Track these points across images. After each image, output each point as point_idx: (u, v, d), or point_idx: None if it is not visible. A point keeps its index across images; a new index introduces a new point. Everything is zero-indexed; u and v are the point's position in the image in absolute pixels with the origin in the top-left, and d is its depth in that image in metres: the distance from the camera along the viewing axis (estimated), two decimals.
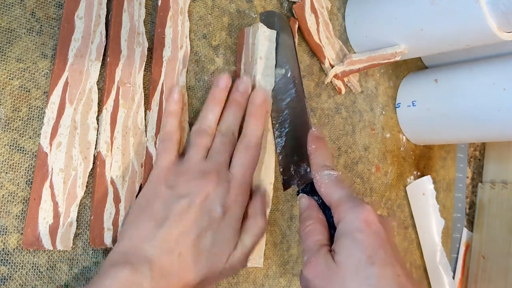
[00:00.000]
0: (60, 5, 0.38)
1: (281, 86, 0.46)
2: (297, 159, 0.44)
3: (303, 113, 0.45)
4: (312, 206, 0.41)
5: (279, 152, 0.46)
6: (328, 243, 0.38)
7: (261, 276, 0.50)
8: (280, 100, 0.46)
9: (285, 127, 0.45)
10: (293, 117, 0.45)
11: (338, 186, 0.39)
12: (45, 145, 0.36)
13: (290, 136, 0.45)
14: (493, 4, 0.47)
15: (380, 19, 0.56)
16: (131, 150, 0.40)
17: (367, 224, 0.35)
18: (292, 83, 0.45)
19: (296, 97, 0.45)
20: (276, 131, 0.46)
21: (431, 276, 0.69)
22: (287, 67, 0.46)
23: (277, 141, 0.46)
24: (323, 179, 0.39)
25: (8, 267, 0.35)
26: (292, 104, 0.45)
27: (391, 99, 0.67)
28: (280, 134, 0.46)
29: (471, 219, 0.81)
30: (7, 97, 0.35)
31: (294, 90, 0.45)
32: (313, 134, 0.43)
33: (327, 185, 0.39)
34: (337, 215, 0.37)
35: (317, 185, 0.40)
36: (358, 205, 0.36)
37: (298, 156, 0.44)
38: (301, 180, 0.43)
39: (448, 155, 0.76)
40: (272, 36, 0.47)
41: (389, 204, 0.65)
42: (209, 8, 0.48)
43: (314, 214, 0.40)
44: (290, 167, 0.45)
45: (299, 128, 0.44)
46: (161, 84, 0.42)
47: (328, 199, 0.39)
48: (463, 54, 0.66)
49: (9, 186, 0.35)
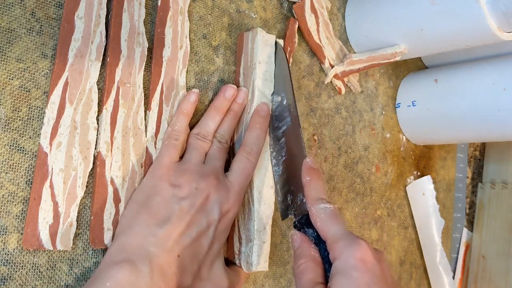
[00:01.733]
0: (60, 5, 0.38)
1: (278, 114, 0.46)
2: (294, 189, 0.44)
3: (298, 141, 0.45)
4: (304, 243, 0.40)
5: (276, 181, 0.46)
6: (323, 280, 0.37)
7: (261, 276, 0.50)
8: (277, 128, 0.46)
9: (282, 156, 0.45)
10: (289, 146, 0.45)
11: (334, 220, 0.38)
12: (45, 145, 0.36)
13: (286, 165, 0.45)
14: (493, 4, 0.47)
15: (380, 19, 0.56)
16: (131, 150, 0.40)
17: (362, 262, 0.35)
18: (288, 111, 0.46)
19: (292, 125, 0.45)
20: (273, 159, 0.46)
21: (431, 276, 0.69)
22: (283, 95, 0.46)
23: (275, 169, 0.46)
24: (318, 213, 0.39)
25: (8, 267, 0.35)
26: (288, 132, 0.45)
27: (391, 99, 0.67)
28: (277, 162, 0.46)
29: (471, 219, 0.81)
30: (7, 97, 0.35)
31: (290, 118, 0.45)
32: (307, 165, 0.42)
33: (323, 219, 0.38)
34: (333, 252, 0.37)
35: (313, 218, 0.39)
36: (353, 243, 0.36)
37: (294, 186, 0.44)
38: (297, 210, 0.43)
39: (448, 155, 0.76)
40: (271, 40, 0.47)
41: (389, 204, 0.65)
42: (209, 8, 0.48)
43: (306, 252, 0.39)
44: (287, 196, 0.45)
45: (295, 157, 0.44)
46: (161, 84, 0.42)
47: (324, 234, 0.38)
48: (463, 54, 0.66)
49: (9, 186, 0.35)
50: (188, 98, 0.43)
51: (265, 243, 0.44)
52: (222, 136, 0.44)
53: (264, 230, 0.44)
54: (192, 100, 0.43)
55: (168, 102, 0.43)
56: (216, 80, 0.47)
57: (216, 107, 0.44)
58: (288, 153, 0.45)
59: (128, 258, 0.35)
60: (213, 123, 0.44)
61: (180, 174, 0.40)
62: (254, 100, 0.45)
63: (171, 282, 0.37)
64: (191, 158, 0.41)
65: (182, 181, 0.39)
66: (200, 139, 0.42)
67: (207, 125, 0.43)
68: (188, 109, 0.42)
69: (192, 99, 0.43)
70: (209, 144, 0.43)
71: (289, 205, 0.44)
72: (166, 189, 0.39)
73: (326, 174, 0.57)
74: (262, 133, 0.44)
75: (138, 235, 0.37)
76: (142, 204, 0.39)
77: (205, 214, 0.39)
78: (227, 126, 0.45)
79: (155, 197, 0.39)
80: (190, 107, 0.43)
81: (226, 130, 0.45)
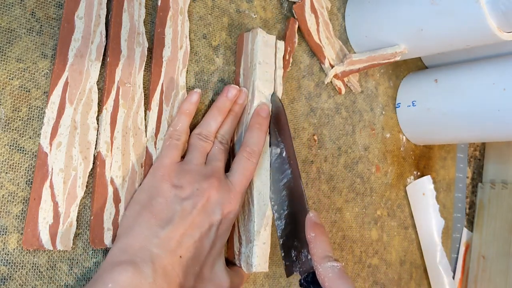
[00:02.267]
0: (60, 5, 0.38)
1: (277, 165, 0.46)
2: (298, 244, 0.42)
3: (300, 195, 0.44)
4: None
5: (279, 236, 0.44)
6: None
7: (261, 276, 0.50)
8: (278, 181, 0.45)
9: (283, 209, 0.44)
10: (291, 199, 0.44)
11: (343, 280, 0.37)
12: (45, 145, 0.36)
13: (289, 219, 0.44)
14: (493, 4, 0.47)
15: (380, 19, 0.56)
16: (131, 150, 0.40)
17: None
18: (288, 164, 0.45)
19: (292, 178, 0.44)
20: (275, 213, 0.45)
21: (431, 276, 0.69)
22: (282, 146, 0.46)
23: (277, 223, 0.44)
24: (326, 272, 0.37)
25: (8, 267, 0.35)
26: (289, 185, 0.44)
27: (391, 99, 0.67)
28: (279, 216, 0.44)
29: (471, 219, 0.81)
30: (7, 97, 0.35)
31: (290, 171, 0.45)
32: (311, 220, 0.41)
33: (331, 279, 0.37)
34: None
35: (320, 278, 0.38)
36: None
37: (298, 241, 0.42)
38: (302, 267, 0.41)
39: (448, 155, 0.76)
40: (271, 41, 0.47)
41: (389, 204, 0.65)
42: (209, 8, 0.48)
43: None
44: (291, 252, 0.43)
45: (298, 211, 0.43)
46: (161, 84, 0.42)
47: None
48: (463, 54, 0.66)
49: (9, 186, 0.35)
50: (190, 99, 0.43)
51: (265, 243, 0.44)
52: (223, 136, 0.44)
53: (264, 231, 0.44)
54: (194, 100, 0.43)
55: (168, 102, 0.43)
56: (216, 80, 0.47)
57: (218, 108, 0.44)
58: (290, 206, 0.44)
59: (130, 259, 0.35)
60: (215, 123, 0.44)
61: (181, 175, 0.40)
62: (254, 101, 0.45)
63: (174, 283, 0.37)
64: (192, 158, 0.41)
65: (184, 182, 0.39)
66: (202, 139, 0.42)
67: (209, 125, 0.43)
68: (190, 109, 0.42)
69: (194, 99, 0.43)
70: (210, 145, 0.43)
71: (293, 261, 0.42)
72: (167, 190, 0.39)
73: (326, 174, 0.57)
74: (263, 133, 0.44)
75: (140, 236, 0.37)
76: (143, 205, 0.39)
77: (206, 215, 0.39)
78: (228, 127, 0.45)
79: (156, 198, 0.39)
80: (192, 107, 0.43)
81: (227, 131, 0.45)
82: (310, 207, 0.49)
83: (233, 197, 0.41)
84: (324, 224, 0.56)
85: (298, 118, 0.54)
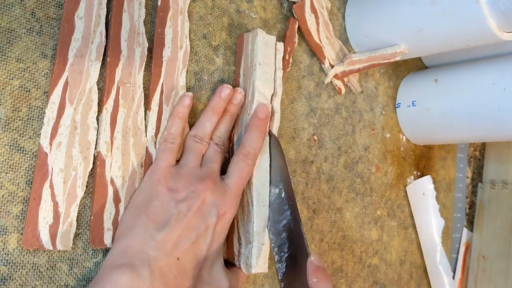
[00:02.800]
0: (60, 5, 0.38)
1: (276, 206, 0.45)
2: None
3: (300, 237, 0.43)
4: None
5: (281, 279, 0.43)
6: None
7: (261, 276, 0.50)
8: (277, 222, 0.45)
9: (284, 251, 0.43)
10: (291, 241, 0.43)
11: None
12: (45, 145, 0.36)
13: (290, 262, 0.43)
14: (493, 4, 0.47)
15: (380, 19, 0.56)
16: (131, 150, 0.40)
17: None
18: (287, 205, 0.45)
19: (292, 219, 0.44)
20: (275, 255, 0.44)
21: (431, 276, 0.69)
22: (281, 187, 0.45)
23: (278, 266, 0.43)
24: None
25: (8, 267, 0.35)
26: (288, 227, 0.44)
27: (391, 99, 0.67)
28: (280, 258, 0.43)
29: (471, 219, 0.81)
30: (7, 97, 0.35)
31: (290, 212, 0.44)
32: (312, 265, 0.40)
33: None
34: None
35: None
36: None
37: (300, 284, 0.41)
38: None
39: (448, 155, 0.76)
40: (272, 41, 0.47)
41: (389, 204, 0.65)
42: (209, 8, 0.48)
43: None
44: None
45: (298, 253, 0.42)
46: (161, 84, 0.42)
47: None
48: (463, 54, 0.66)
49: (9, 186, 0.35)
50: (183, 102, 0.42)
51: (264, 244, 0.44)
52: (219, 138, 0.44)
53: (263, 231, 0.44)
54: (186, 104, 0.42)
55: (168, 102, 0.43)
56: (216, 80, 0.47)
57: (212, 108, 0.44)
58: (290, 249, 0.43)
59: (129, 262, 0.35)
60: (210, 124, 0.43)
61: (177, 178, 0.40)
62: (254, 101, 0.45)
63: (172, 285, 0.37)
64: (188, 161, 0.41)
65: (179, 185, 0.40)
66: (198, 141, 0.42)
67: (204, 127, 0.43)
68: (184, 113, 0.42)
69: (186, 103, 0.42)
70: (206, 146, 0.43)
71: None
72: (163, 194, 0.39)
73: (326, 174, 0.57)
74: (261, 135, 0.44)
75: (138, 238, 0.37)
76: (141, 208, 0.39)
77: (202, 217, 0.40)
78: (223, 128, 0.45)
79: (153, 201, 0.39)
80: (185, 111, 0.42)
81: (223, 132, 0.44)
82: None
83: (229, 198, 0.41)
84: (324, 225, 0.56)
85: (298, 118, 0.54)
